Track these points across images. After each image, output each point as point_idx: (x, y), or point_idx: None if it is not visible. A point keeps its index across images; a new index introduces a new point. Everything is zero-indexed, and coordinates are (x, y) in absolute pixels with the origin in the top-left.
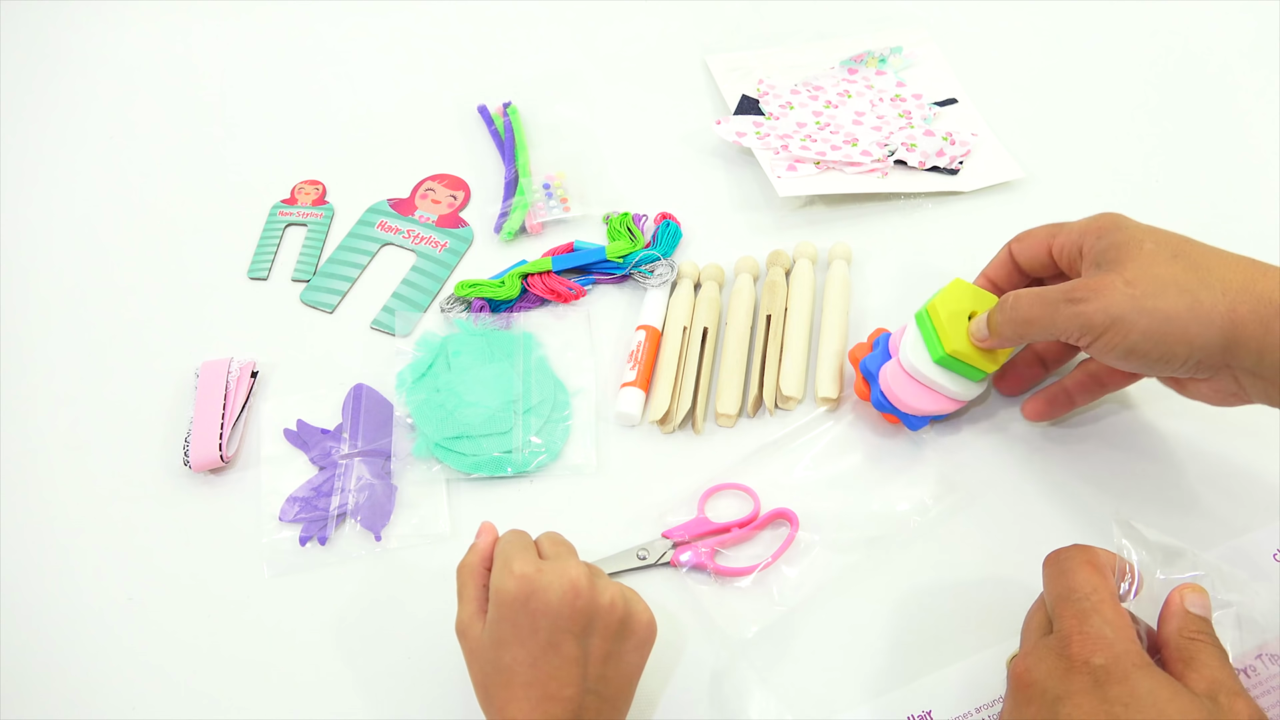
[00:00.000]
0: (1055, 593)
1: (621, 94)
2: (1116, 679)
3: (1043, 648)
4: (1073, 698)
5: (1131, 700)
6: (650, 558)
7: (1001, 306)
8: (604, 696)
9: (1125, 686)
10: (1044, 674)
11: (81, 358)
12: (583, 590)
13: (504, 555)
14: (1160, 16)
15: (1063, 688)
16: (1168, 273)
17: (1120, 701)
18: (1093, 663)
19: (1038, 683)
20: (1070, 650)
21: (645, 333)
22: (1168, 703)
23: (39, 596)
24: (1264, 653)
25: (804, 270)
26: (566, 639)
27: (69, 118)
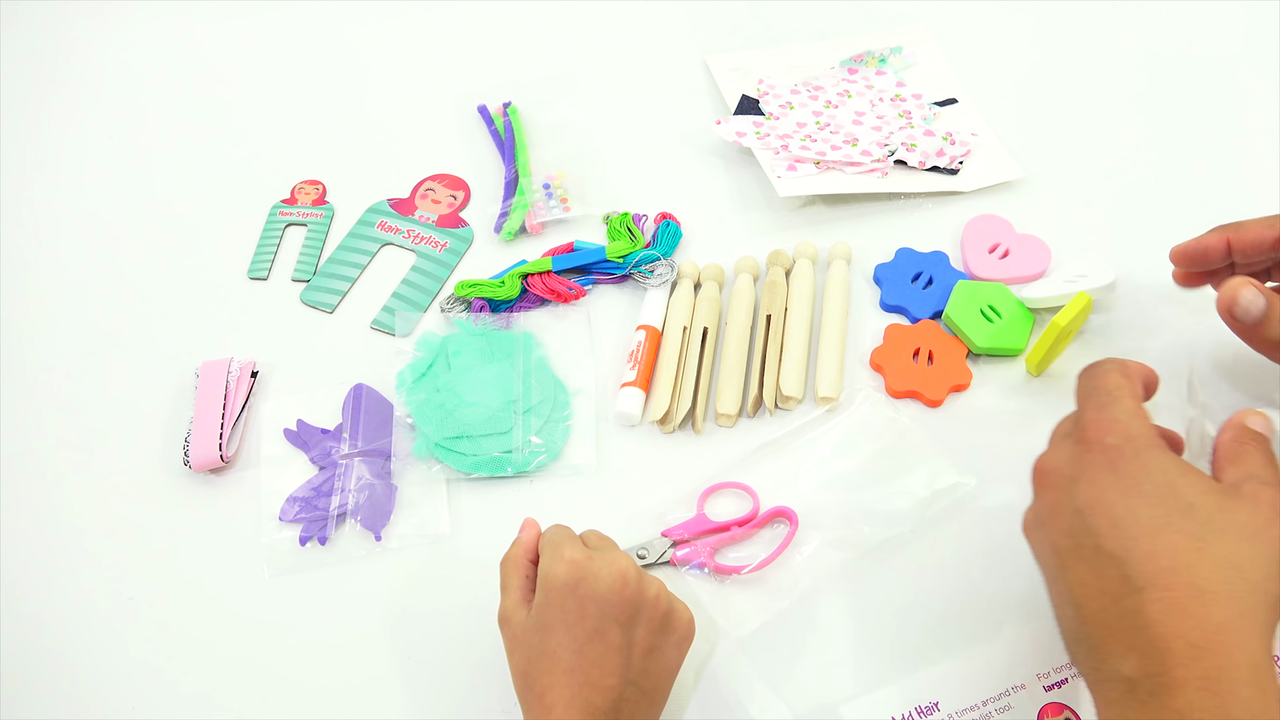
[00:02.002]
0: (1081, 393)
1: (621, 94)
2: (1129, 456)
3: (1063, 441)
4: (1088, 475)
5: (1144, 475)
6: (650, 557)
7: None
8: (643, 690)
9: (1138, 462)
10: (1061, 460)
11: (82, 357)
12: (631, 580)
13: (553, 543)
14: (1160, 16)
15: (1078, 469)
16: None
17: (1132, 476)
18: (1106, 442)
19: (1056, 469)
20: (1086, 435)
21: (645, 333)
22: (1179, 477)
23: (39, 596)
24: None
25: (804, 270)
26: (613, 627)
27: (69, 118)
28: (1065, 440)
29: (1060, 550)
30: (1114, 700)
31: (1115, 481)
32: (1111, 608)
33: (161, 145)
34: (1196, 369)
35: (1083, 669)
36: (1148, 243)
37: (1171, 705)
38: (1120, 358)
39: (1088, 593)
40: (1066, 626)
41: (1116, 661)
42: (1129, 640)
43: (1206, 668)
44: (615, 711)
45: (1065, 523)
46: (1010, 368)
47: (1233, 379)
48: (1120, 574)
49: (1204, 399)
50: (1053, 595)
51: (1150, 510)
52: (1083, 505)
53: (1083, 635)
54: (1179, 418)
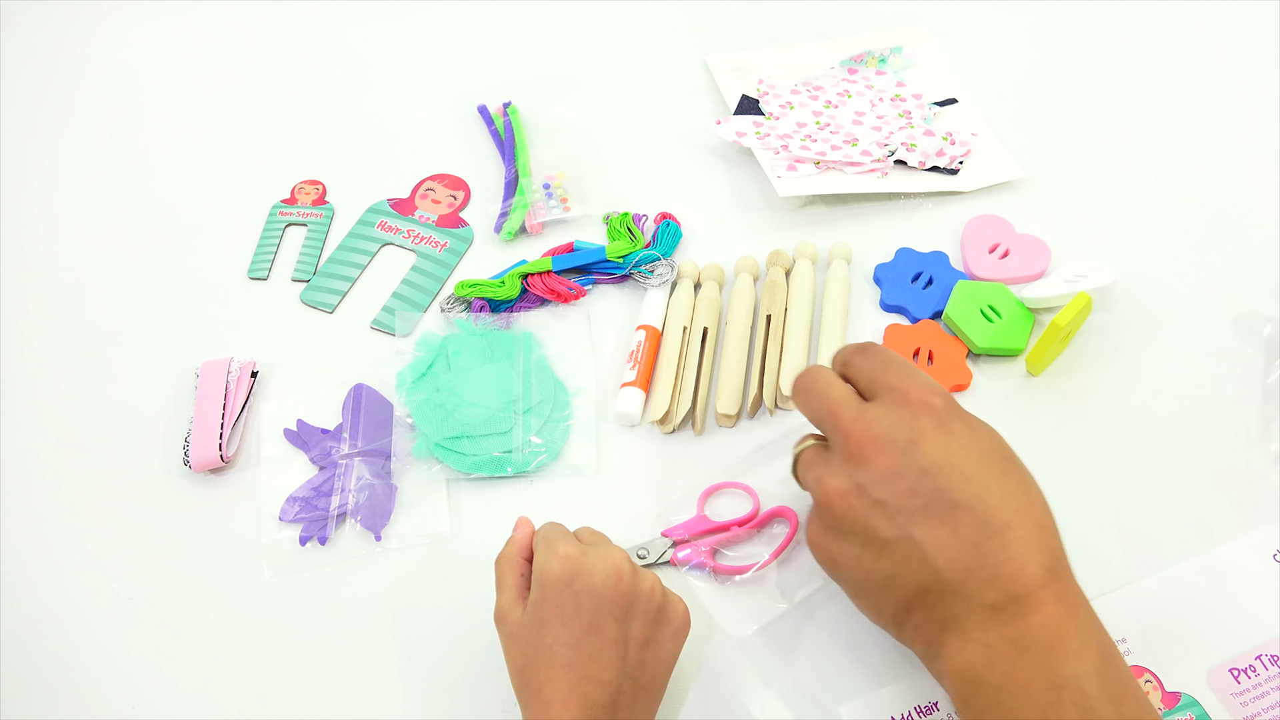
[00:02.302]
0: (873, 366)
1: (621, 94)
2: (955, 415)
3: (877, 408)
4: (925, 435)
5: (971, 432)
6: (650, 557)
7: None
8: (640, 683)
9: (963, 421)
10: (889, 426)
11: (82, 357)
12: (625, 574)
13: (548, 539)
14: (1160, 17)
15: (913, 430)
16: None
17: (965, 435)
18: (933, 405)
19: (885, 435)
20: (910, 399)
21: (645, 333)
22: (993, 432)
23: (39, 596)
24: (1263, 654)
25: (804, 270)
26: (608, 621)
27: (70, 117)
28: (882, 408)
29: (906, 512)
30: (975, 625)
31: (952, 440)
32: (971, 553)
33: (161, 145)
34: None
35: (929, 616)
36: (1148, 243)
37: (1036, 620)
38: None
39: (944, 544)
40: (910, 582)
41: (978, 595)
42: (992, 574)
43: (1058, 586)
44: (613, 705)
45: (910, 484)
46: (1010, 368)
47: (1232, 379)
48: (978, 521)
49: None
50: (882, 559)
51: (988, 462)
52: (929, 465)
53: (934, 585)
54: (1180, 422)
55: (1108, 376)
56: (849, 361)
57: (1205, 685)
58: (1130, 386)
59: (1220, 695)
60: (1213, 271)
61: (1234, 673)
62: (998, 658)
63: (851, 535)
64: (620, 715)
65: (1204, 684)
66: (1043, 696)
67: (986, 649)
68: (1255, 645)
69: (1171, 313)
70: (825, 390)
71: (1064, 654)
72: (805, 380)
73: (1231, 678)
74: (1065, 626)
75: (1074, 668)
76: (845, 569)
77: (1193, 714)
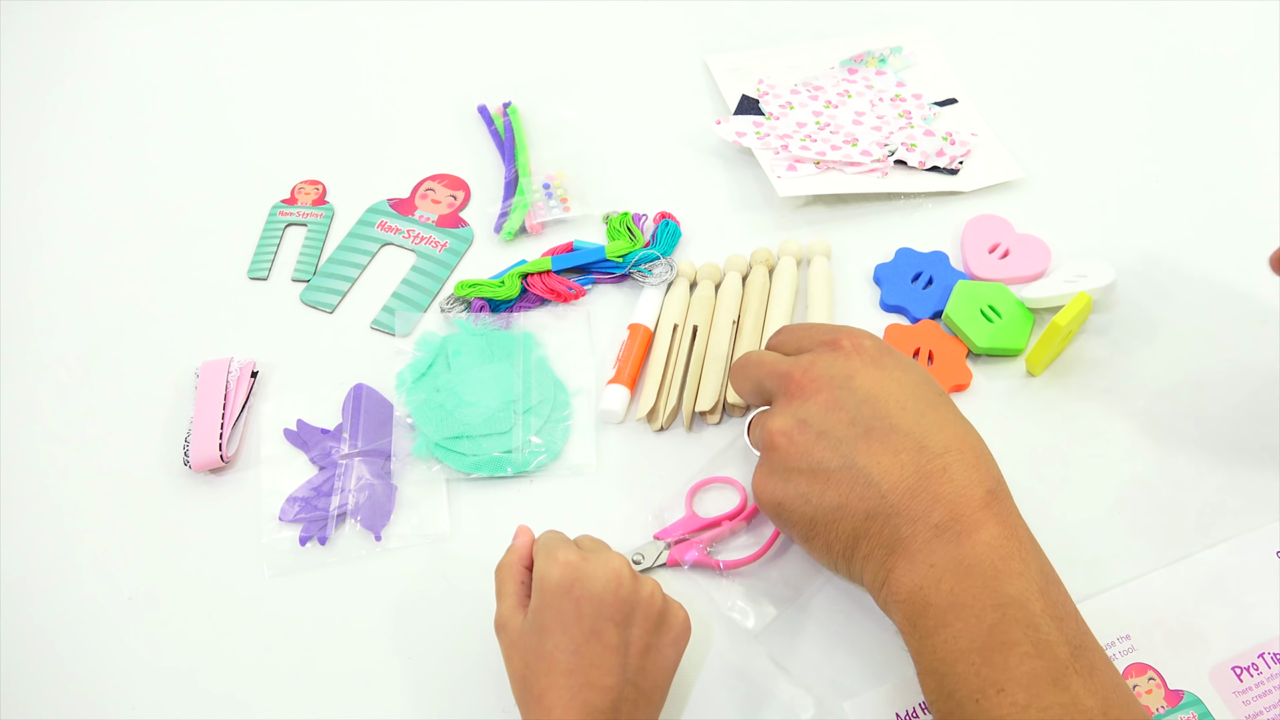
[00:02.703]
0: (799, 332)
1: (621, 94)
2: (885, 354)
3: (813, 354)
4: (861, 372)
5: (902, 368)
6: (645, 561)
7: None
8: (641, 689)
9: (893, 358)
10: (825, 367)
11: (82, 357)
12: (625, 580)
13: (547, 547)
14: (1160, 16)
15: (848, 369)
16: None
17: (897, 370)
18: (865, 346)
19: (822, 374)
20: (842, 344)
21: (631, 330)
22: (917, 367)
23: (39, 596)
24: (1265, 652)
25: (786, 268)
26: (609, 627)
27: (70, 117)
28: (817, 355)
29: (848, 440)
30: (921, 546)
31: (886, 375)
32: (913, 475)
33: (162, 145)
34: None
35: (877, 542)
36: (1148, 243)
37: (979, 539)
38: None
39: (886, 468)
40: (857, 510)
41: (922, 515)
42: (934, 494)
43: (998, 507)
44: (614, 711)
45: (849, 414)
46: (1010, 368)
47: (1232, 379)
48: (917, 445)
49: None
50: (828, 491)
51: (922, 394)
52: (866, 395)
53: (880, 509)
54: (1180, 421)
55: (1108, 376)
56: (772, 341)
57: (1208, 684)
58: (1130, 386)
59: (1223, 694)
60: (1213, 271)
61: (1236, 671)
62: (944, 577)
63: (797, 473)
64: None
65: (1207, 682)
66: (989, 615)
67: (932, 569)
68: (1258, 643)
69: (1171, 313)
70: (759, 359)
71: (1008, 574)
72: (739, 362)
73: (1234, 676)
74: (1008, 547)
75: (1018, 587)
76: (794, 509)
77: (1195, 712)
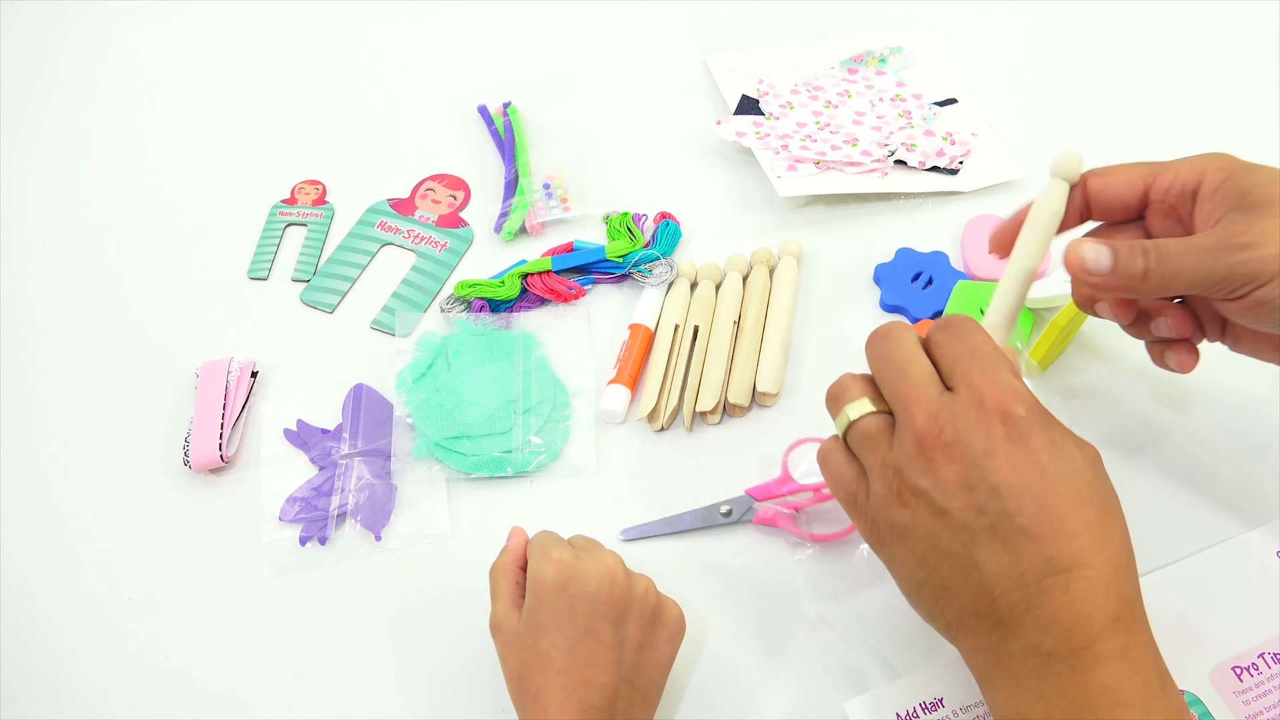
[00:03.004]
0: (957, 351)
1: (621, 94)
2: (1037, 429)
3: (952, 405)
4: (1000, 448)
5: (1054, 450)
6: (734, 516)
7: (1138, 249)
8: (637, 686)
9: (1046, 435)
10: (963, 430)
11: (82, 357)
12: (619, 577)
13: (541, 546)
14: (1160, 16)
15: (988, 441)
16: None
17: (1045, 453)
18: (1014, 413)
19: (959, 440)
20: (988, 404)
21: (631, 330)
22: (1077, 450)
23: (39, 596)
24: (1265, 652)
25: (787, 268)
26: (603, 625)
27: (70, 117)
28: (956, 406)
29: (970, 527)
30: (1028, 674)
31: (1030, 458)
32: (1032, 586)
33: (162, 145)
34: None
35: (981, 643)
36: None
37: (1095, 678)
38: (965, 316)
39: (1004, 570)
40: (965, 602)
41: (1033, 637)
42: (1050, 617)
43: (1124, 639)
44: (610, 708)
45: (978, 500)
46: None
47: (1232, 378)
48: (1043, 554)
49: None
50: (940, 569)
51: (1068, 488)
52: (999, 483)
53: (989, 612)
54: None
55: (1108, 376)
56: (933, 337)
57: (1208, 684)
58: (1130, 386)
59: (1223, 694)
60: None
61: (1237, 671)
62: (1052, 714)
63: (913, 535)
64: (618, 718)
65: (1207, 683)
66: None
67: (1040, 701)
68: (1258, 643)
69: None
70: (905, 365)
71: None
72: (883, 343)
73: (1234, 676)
74: (1128, 689)
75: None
76: (901, 566)
77: (1196, 713)
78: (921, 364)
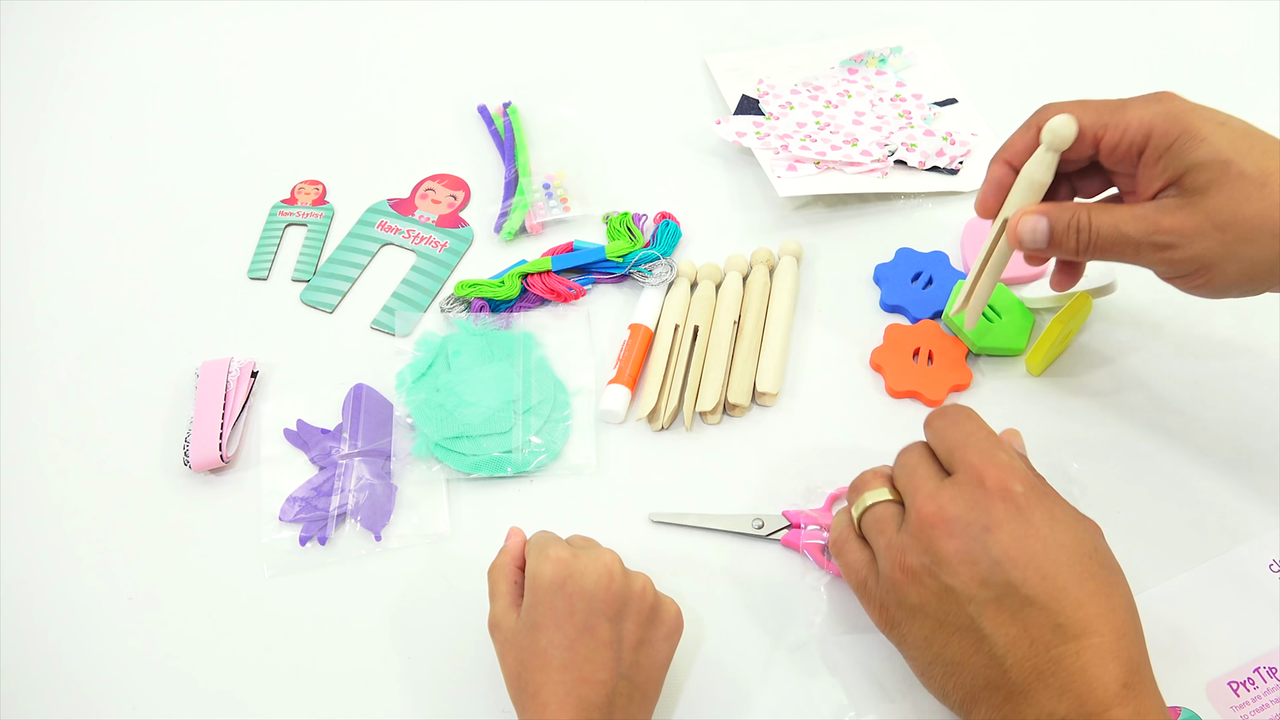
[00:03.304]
0: (954, 438)
1: (621, 94)
2: (1035, 503)
3: (952, 486)
4: (1001, 525)
5: (1054, 524)
6: (765, 529)
7: (1073, 227)
8: (635, 683)
9: (1044, 510)
10: (964, 508)
11: (82, 357)
12: (616, 575)
13: (539, 545)
14: (1160, 16)
15: (988, 517)
16: (1261, 210)
17: (1045, 526)
18: (1013, 490)
19: (959, 517)
20: (987, 482)
21: (631, 330)
22: (1076, 523)
23: (39, 596)
24: (1261, 666)
25: (787, 268)
26: (601, 622)
27: (70, 117)
28: (957, 488)
29: (975, 600)
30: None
31: (1030, 531)
32: (1043, 655)
33: (162, 145)
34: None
35: (995, 716)
36: None
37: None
38: (962, 405)
39: (1013, 641)
40: (978, 675)
41: (1048, 705)
42: (1062, 684)
43: (1135, 706)
44: (609, 705)
45: (981, 572)
46: (1010, 368)
47: (1231, 383)
48: (1051, 624)
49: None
50: (950, 645)
51: (1069, 559)
52: (1001, 556)
53: (1002, 683)
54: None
55: (1108, 377)
56: (931, 424)
57: (1204, 699)
58: (1130, 388)
59: (1219, 709)
60: None
61: (1233, 686)
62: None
63: (921, 613)
64: (616, 715)
65: (1203, 697)
66: None
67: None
68: (1254, 657)
69: (1171, 313)
70: (916, 464)
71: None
72: (902, 455)
73: (1230, 691)
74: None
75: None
76: (912, 646)
77: None
78: (930, 462)
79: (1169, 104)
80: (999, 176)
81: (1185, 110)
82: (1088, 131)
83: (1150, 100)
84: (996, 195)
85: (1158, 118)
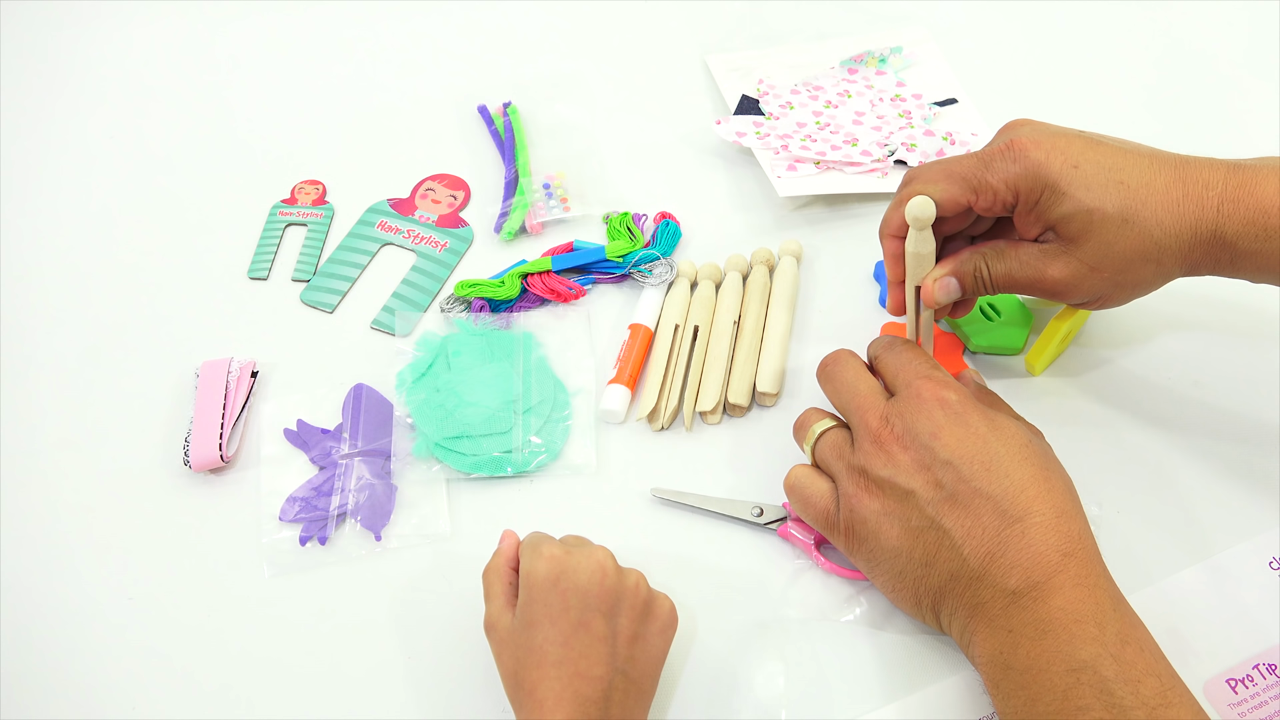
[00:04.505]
0: (895, 364)
1: (621, 94)
2: (970, 409)
3: (898, 403)
4: (943, 429)
5: (987, 423)
6: (765, 517)
7: (979, 277)
8: (631, 678)
9: (978, 413)
10: (910, 422)
11: (82, 357)
12: (610, 571)
13: (532, 544)
14: (1161, 16)
15: (932, 424)
16: (1130, 245)
17: (981, 425)
18: (949, 399)
19: (908, 429)
20: (924, 396)
21: (631, 330)
22: (1008, 421)
23: (39, 596)
24: (1260, 664)
25: (787, 268)
26: (595, 617)
27: (70, 117)
28: (899, 404)
29: (933, 502)
30: (1000, 611)
31: (970, 432)
32: (993, 538)
33: (162, 145)
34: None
35: (960, 603)
36: None
37: (1054, 604)
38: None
39: (968, 531)
40: (943, 569)
41: (1000, 580)
42: (1011, 560)
43: (1076, 569)
44: (605, 701)
45: (935, 476)
46: (1010, 367)
47: (1231, 382)
48: (997, 509)
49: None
50: (916, 548)
51: (1007, 451)
52: (950, 456)
53: (963, 572)
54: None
55: (1108, 377)
56: (878, 357)
57: (1202, 696)
58: (1129, 388)
59: (1218, 706)
60: None
61: (1231, 683)
62: (1020, 642)
63: (887, 522)
64: (613, 711)
65: (1201, 695)
66: (1062, 680)
67: (1010, 634)
68: (1252, 655)
69: (1172, 313)
70: (854, 383)
71: (1082, 638)
72: (833, 368)
73: (1229, 688)
74: (1082, 609)
75: (1091, 652)
76: (882, 560)
77: None
78: (868, 380)
79: (1024, 159)
80: (892, 250)
81: (1041, 163)
82: (957, 202)
83: (1006, 156)
84: (896, 267)
85: (1020, 180)
